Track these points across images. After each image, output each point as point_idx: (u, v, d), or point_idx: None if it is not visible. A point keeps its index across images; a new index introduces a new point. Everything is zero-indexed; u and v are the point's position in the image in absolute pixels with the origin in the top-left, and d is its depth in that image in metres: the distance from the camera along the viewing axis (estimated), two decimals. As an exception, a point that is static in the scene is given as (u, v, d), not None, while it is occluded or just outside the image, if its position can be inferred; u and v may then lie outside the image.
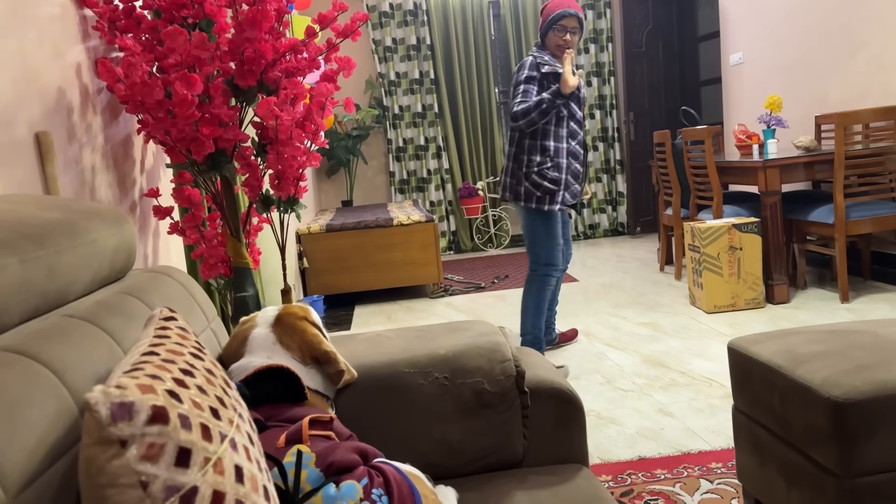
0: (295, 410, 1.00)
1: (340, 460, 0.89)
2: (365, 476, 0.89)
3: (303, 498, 0.85)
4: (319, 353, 1.13)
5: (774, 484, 1.66)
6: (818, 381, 1.47)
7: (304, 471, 0.86)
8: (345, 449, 0.91)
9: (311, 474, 0.86)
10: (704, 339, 3.41)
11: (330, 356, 1.14)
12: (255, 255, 1.98)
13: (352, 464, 0.90)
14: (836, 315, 3.57)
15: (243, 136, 1.81)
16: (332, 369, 1.14)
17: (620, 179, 7.31)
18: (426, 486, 0.96)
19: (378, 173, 7.19)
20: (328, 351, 1.14)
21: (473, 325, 1.41)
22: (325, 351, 1.14)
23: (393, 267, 4.92)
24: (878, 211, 3.77)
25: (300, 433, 0.92)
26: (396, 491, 0.90)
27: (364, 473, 0.90)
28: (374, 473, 0.91)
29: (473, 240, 7.18)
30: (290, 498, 0.84)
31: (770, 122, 4.36)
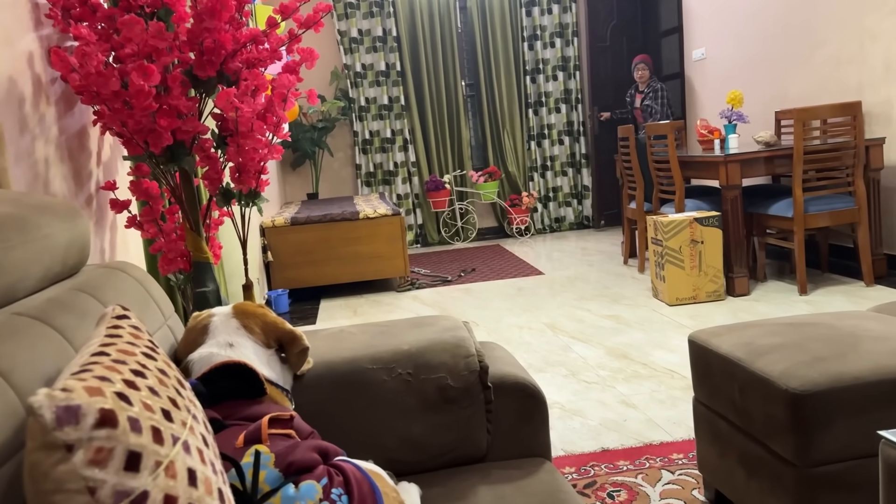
0: (254, 408, 0.98)
1: (300, 460, 0.87)
2: (325, 476, 0.88)
3: (261, 499, 0.84)
4: (283, 332, 1.14)
5: (734, 474, 1.68)
6: (776, 374, 1.49)
7: (262, 471, 0.85)
8: (305, 448, 0.90)
9: (270, 475, 0.85)
10: (666, 332, 3.45)
11: (294, 334, 1.14)
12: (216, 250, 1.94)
13: (311, 463, 0.89)
14: (795, 307, 3.65)
15: (203, 128, 1.77)
16: (297, 348, 1.14)
17: (586, 173, 7.36)
18: (388, 484, 0.96)
19: (344, 166, 7.14)
20: (291, 329, 1.14)
21: (438, 320, 1.40)
22: (289, 330, 1.14)
23: (359, 260, 4.89)
24: (836, 205, 3.86)
25: (259, 432, 0.90)
26: (356, 490, 0.89)
27: (324, 473, 0.89)
28: (333, 472, 0.90)
29: (440, 233, 7.18)
30: (248, 499, 0.83)
31: (731, 117, 4.42)
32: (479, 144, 7.45)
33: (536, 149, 7.30)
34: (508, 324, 3.87)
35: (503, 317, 4.03)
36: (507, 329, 3.76)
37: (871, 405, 1.42)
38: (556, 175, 7.37)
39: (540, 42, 7.16)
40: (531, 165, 7.32)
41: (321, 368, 1.22)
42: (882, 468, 1.15)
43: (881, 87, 4.17)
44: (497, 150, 7.26)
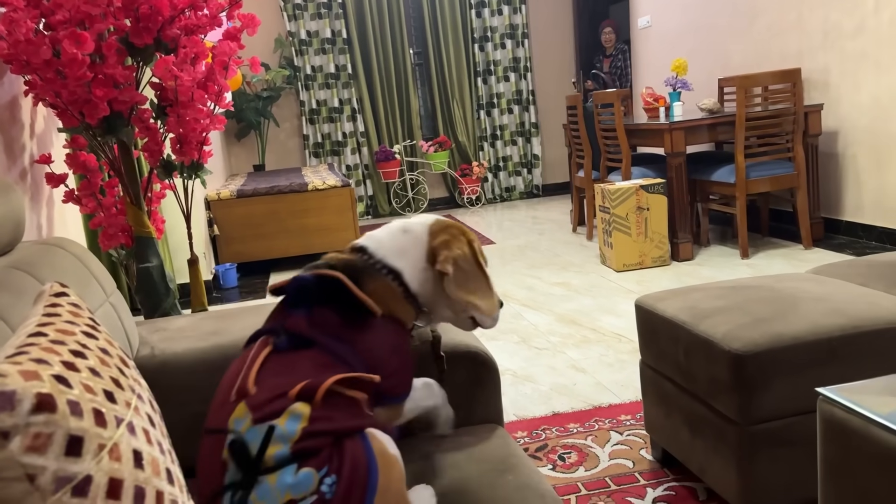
0: (355, 334, 0.95)
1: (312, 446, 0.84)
2: (326, 464, 0.85)
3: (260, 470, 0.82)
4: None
5: (680, 433, 1.74)
6: (719, 335, 1.53)
7: (275, 446, 0.83)
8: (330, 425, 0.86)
9: (281, 453, 0.83)
10: (614, 297, 3.52)
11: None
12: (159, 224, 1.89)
13: (320, 447, 0.85)
14: (737, 271, 3.76)
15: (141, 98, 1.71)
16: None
17: (535, 142, 7.39)
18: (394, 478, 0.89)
19: (291, 136, 7.01)
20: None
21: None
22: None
23: (309, 233, 4.83)
24: (776, 170, 3.96)
25: (316, 390, 0.86)
26: (347, 478, 0.84)
27: (326, 460, 0.85)
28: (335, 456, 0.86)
29: (391, 204, 7.14)
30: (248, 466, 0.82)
31: (676, 84, 4.48)
32: (429, 114, 7.39)
33: (486, 118, 7.28)
34: (460, 293, 3.88)
35: (455, 286, 4.04)
36: (459, 298, 3.77)
37: (810, 364, 1.48)
38: (505, 144, 7.38)
39: (488, 10, 7.10)
40: (481, 135, 7.31)
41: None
42: (820, 424, 1.19)
43: (819, 54, 4.27)
44: (447, 119, 7.22)
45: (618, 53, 6.60)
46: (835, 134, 4.22)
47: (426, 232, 1.10)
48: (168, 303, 1.74)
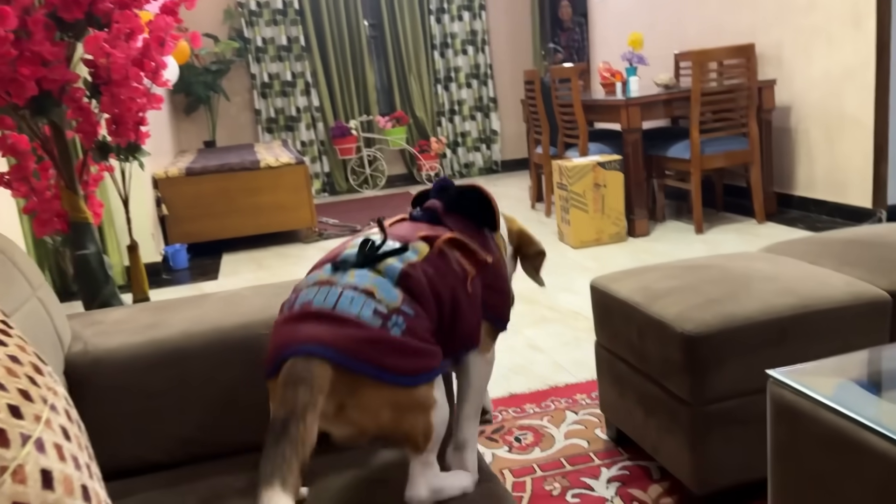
0: (477, 238, 1.15)
1: (414, 286, 0.97)
2: (411, 308, 0.96)
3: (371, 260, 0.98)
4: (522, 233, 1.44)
5: (634, 413, 1.74)
6: (671, 317, 1.53)
7: (392, 259, 0.98)
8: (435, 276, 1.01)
9: (392, 267, 0.98)
10: (571, 274, 3.52)
11: (531, 237, 1.44)
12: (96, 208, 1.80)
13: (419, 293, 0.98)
14: (692, 246, 3.80)
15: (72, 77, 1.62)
16: (534, 249, 1.44)
17: (494, 117, 7.35)
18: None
19: (242, 111, 6.84)
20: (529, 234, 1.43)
21: (336, 279, 1.34)
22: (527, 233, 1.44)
23: (262, 212, 4.74)
24: (730, 146, 4.00)
25: (437, 238, 1.05)
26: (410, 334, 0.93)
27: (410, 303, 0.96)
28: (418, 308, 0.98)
29: (348, 181, 7.05)
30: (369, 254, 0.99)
31: (632, 59, 4.47)
32: (385, 88, 7.29)
33: (444, 93, 7.21)
34: (418, 272, 3.85)
35: (413, 265, 4.01)
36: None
37: (760, 344, 1.48)
38: (464, 120, 7.32)
39: (444, -18, 7.00)
40: (439, 110, 7.24)
41: (212, 335, 1.16)
42: (770, 406, 1.20)
43: (773, 29, 4.31)
44: (404, 94, 7.13)
45: (575, 27, 6.58)
46: (788, 109, 4.27)
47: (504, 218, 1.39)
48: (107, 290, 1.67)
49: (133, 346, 1.13)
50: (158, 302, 1.31)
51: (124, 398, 1.10)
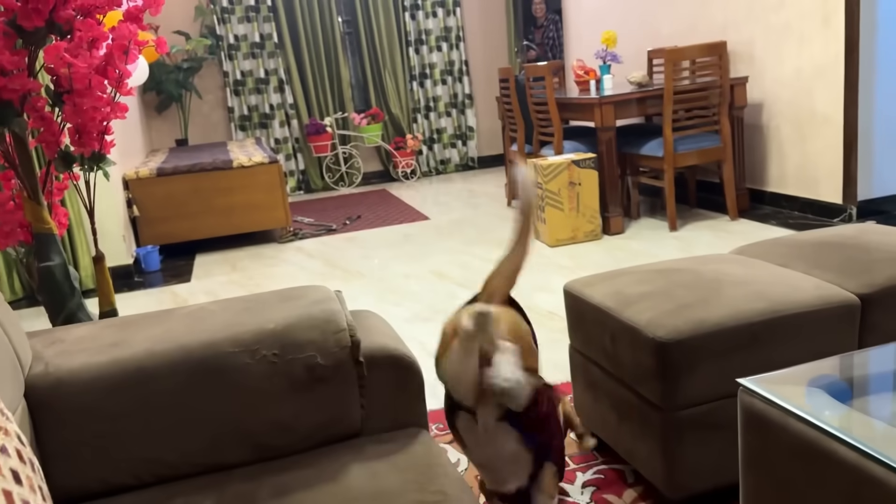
0: None
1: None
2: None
3: None
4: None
5: (607, 418, 1.75)
6: (643, 322, 1.54)
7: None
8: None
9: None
10: (547, 273, 3.53)
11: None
12: (61, 219, 1.76)
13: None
14: (665, 244, 3.82)
15: (34, 86, 1.57)
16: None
17: (470, 113, 7.33)
18: None
19: (215, 108, 6.76)
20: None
21: (308, 292, 1.33)
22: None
23: (236, 212, 4.69)
24: (703, 143, 4.03)
25: None
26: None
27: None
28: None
29: (324, 179, 7.00)
30: None
31: (606, 57, 4.48)
32: (360, 85, 7.24)
33: (419, 89, 7.18)
34: (395, 273, 3.84)
35: (390, 265, 4.00)
36: (393, 278, 3.74)
37: (731, 350, 1.49)
38: (440, 116, 7.30)
39: (418, -23, 6.97)
40: (414, 107, 7.21)
41: (177, 354, 1.13)
42: (740, 414, 1.21)
43: (744, 27, 4.34)
44: (379, 90, 7.09)
45: (549, 24, 6.59)
46: (759, 106, 4.31)
47: None
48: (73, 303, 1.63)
49: (96, 366, 1.11)
50: (123, 318, 1.28)
51: (88, 420, 1.08)
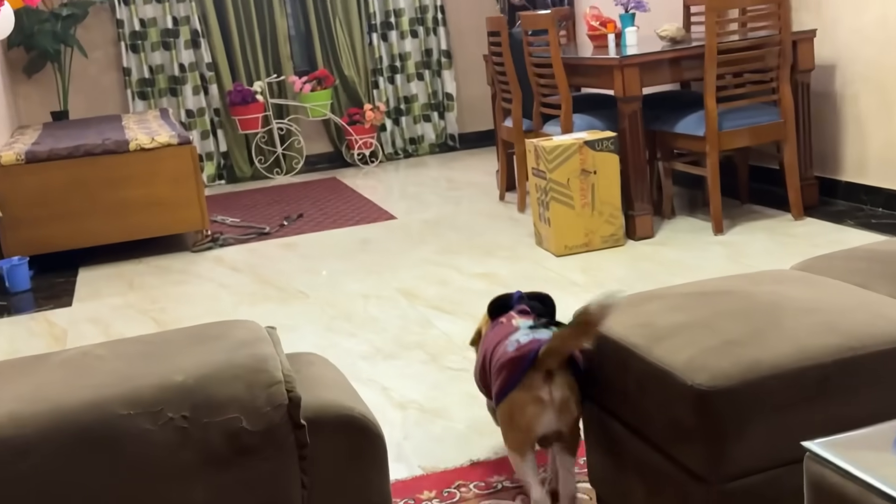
0: None
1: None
2: None
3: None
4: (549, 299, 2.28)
5: (633, 490, 1.75)
6: (680, 364, 1.54)
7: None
8: None
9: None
10: (553, 292, 3.51)
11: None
12: None
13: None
14: (708, 252, 3.86)
15: None
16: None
17: (448, 76, 7.35)
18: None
19: (106, 70, 6.73)
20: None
21: (229, 330, 1.32)
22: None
23: (134, 211, 4.67)
24: (757, 118, 4.07)
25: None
26: None
27: None
28: None
29: (253, 164, 6.99)
30: None
31: (628, 4, 4.52)
32: (302, 39, 7.25)
33: (381, 44, 7.20)
34: (349, 292, 3.84)
35: (342, 282, 4.00)
36: (347, 300, 3.74)
37: (795, 401, 1.50)
38: (408, 80, 7.32)
39: None
40: (375, 67, 7.22)
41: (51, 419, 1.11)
42: (807, 488, 1.21)
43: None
44: (327, 46, 7.09)
45: None
46: (831, 69, 4.36)
47: None
48: None
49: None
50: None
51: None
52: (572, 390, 1.83)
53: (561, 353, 1.81)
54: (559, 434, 1.86)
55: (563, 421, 1.83)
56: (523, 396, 1.83)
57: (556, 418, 1.83)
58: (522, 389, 1.83)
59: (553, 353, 1.81)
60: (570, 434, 1.87)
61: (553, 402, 1.81)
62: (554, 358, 1.81)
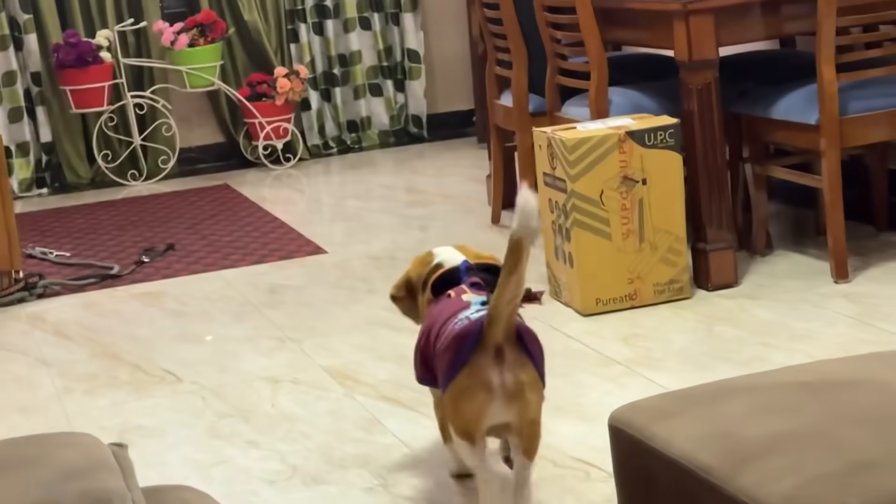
0: None
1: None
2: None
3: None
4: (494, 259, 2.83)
5: None
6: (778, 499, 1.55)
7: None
8: None
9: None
10: (578, 376, 3.55)
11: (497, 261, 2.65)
12: None
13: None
14: (825, 310, 3.87)
15: None
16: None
17: (410, 24, 7.41)
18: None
19: None
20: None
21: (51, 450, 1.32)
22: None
23: None
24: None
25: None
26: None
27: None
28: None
29: (95, 162, 6.98)
30: None
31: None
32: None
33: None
34: (248, 373, 3.87)
35: (237, 357, 4.04)
36: (245, 386, 3.77)
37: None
38: (347, 29, 7.37)
39: None
40: (293, 8, 7.27)
41: None
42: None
43: None
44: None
45: None
46: None
47: None
48: None
49: None
50: None
51: None
52: (526, 371, 2.33)
53: (505, 316, 2.28)
54: (510, 427, 2.35)
55: (516, 410, 2.31)
56: (469, 381, 2.31)
57: (507, 406, 2.31)
58: (468, 372, 2.31)
59: (496, 320, 2.28)
60: (526, 428, 2.35)
61: (504, 387, 2.29)
62: (499, 327, 2.28)
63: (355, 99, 7.43)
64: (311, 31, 7.29)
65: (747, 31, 4.19)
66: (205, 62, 6.90)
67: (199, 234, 5.66)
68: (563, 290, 4.16)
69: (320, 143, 7.35)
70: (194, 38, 6.89)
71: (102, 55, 6.73)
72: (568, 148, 3.95)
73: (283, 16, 7.24)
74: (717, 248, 4.17)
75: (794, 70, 4.38)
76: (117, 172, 7.01)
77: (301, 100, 7.19)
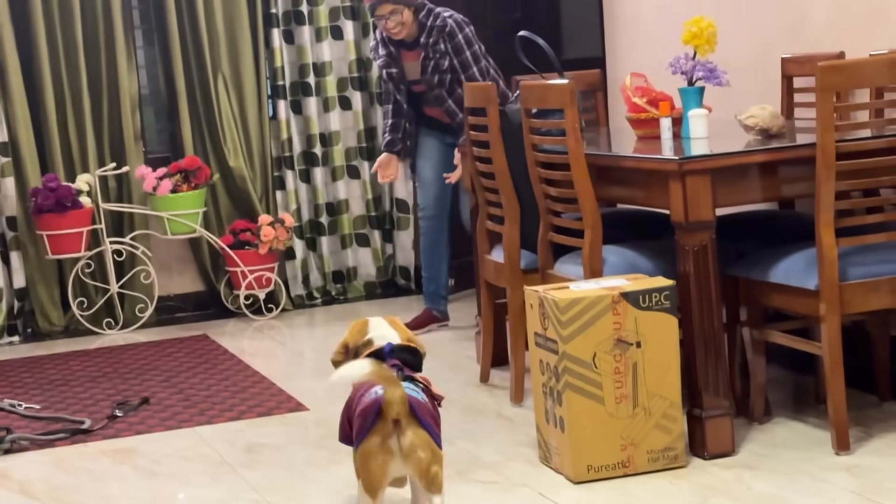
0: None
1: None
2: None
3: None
4: (415, 341, 3.71)
5: None
6: None
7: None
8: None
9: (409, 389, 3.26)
10: (568, 547, 3.52)
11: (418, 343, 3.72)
12: None
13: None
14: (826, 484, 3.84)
15: None
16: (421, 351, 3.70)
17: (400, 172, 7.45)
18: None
19: None
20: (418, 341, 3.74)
21: None
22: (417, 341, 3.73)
23: None
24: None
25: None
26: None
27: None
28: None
29: (69, 310, 6.97)
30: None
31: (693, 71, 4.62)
32: (161, 106, 7.39)
33: (292, 117, 7.34)
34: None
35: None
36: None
37: None
38: (335, 176, 7.43)
39: None
40: (280, 154, 7.33)
41: None
42: None
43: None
44: (202, 118, 7.20)
45: (434, 44, 6.47)
46: None
47: None
48: None
49: None
50: None
51: None
52: (419, 437, 3.11)
53: (397, 398, 3.07)
54: (409, 477, 3.29)
55: (412, 466, 3.11)
56: (372, 445, 3.10)
57: (404, 463, 3.11)
58: (372, 438, 3.11)
59: (391, 401, 3.06)
60: (424, 476, 3.13)
61: (401, 450, 3.08)
62: (393, 405, 3.06)
63: (342, 248, 7.45)
64: (298, 179, 7.34)
65: (744, 193, 4.22)
66: (187, 208, 6.93)
67: (176, 387, 5.64)
68: (554, 456, 4.14)
69: (304, 293, 7.36)
70: (177, 184, 6.93)
71: (82, 200, 6.76)
72: (560, 308, 3.97)
73: (270, 162, 7.29)
74: (713, 414, 4.17)
75: (794, 232, 4.41)
76: (92, 320, 7.01)
77: (285, 248, 7.22)
